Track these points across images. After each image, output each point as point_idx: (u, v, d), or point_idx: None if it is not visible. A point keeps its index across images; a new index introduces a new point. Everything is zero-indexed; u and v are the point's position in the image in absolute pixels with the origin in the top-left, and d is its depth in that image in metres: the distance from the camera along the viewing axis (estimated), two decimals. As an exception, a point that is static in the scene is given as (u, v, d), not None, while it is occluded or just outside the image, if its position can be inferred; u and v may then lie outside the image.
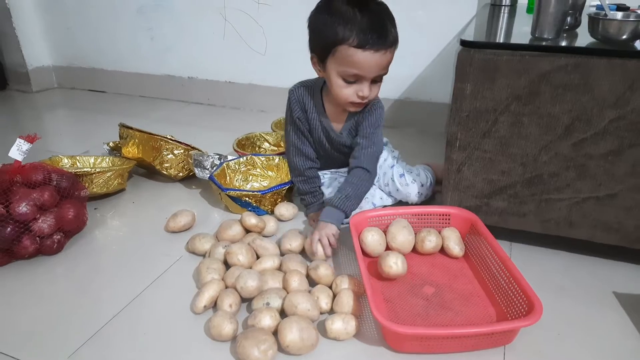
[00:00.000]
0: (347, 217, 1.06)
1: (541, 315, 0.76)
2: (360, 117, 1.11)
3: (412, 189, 1.18)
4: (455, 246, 1.02)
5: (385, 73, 1.00)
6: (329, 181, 1.22)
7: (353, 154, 1.11)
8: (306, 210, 1.22)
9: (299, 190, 1.21)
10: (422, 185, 1.20)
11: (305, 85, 1.14)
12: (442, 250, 1.04)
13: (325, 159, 1.22)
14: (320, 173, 1.23)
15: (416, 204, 1.20)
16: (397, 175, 1.18)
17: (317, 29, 0.99)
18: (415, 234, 1.04)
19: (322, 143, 1.17)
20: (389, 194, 1.21)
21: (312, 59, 1.04)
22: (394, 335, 0.79)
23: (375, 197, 1.19)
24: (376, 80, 1.00)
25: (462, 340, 0.79)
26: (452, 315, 0.87)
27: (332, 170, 1.24)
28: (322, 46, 0.99)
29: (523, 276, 0.85)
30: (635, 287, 0.95)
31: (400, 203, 1.22)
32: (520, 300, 0.82)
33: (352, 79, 0.98)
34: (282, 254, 1.04)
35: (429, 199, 1.25)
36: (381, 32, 0.93)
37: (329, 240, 0.99)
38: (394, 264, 0.93)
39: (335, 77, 0.99)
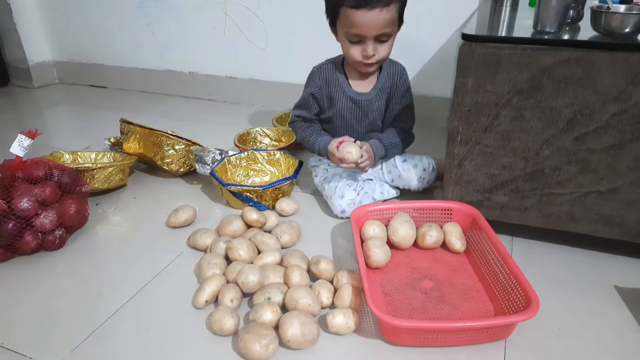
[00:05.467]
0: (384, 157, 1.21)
1: (537, 311, 0.76)
2: (392, 82, 1.19)
3: (414, 174, 1.22)
4: (457, 241, 1.02)
5: (390, 32, 1.04)
6: (331, 176, 1.22)
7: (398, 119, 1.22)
8: (319, 151, 1.23)
9: (306, 140, 1.24)
10: (424, 170, 1.22)
11: (330, 61, 1.21)
12: (444, 245, 1.04)
13: (344, 131, 1.25)
14: (321, 165, 1.26)
15: (418, 190, 1.24)
16: (399, 161, 1.23)
17: None
18: (417, 228, 1.04)
19: (342, 114, 1.21)
20: (392, 181, 1.24)
21: (329, 23, 1.11)
22: (389, 328, 0.80)
23: (375, 192, 1.19)
24: (382, 40, 1.05)
25: (458, 334, 0.79)
26: (450, 310, 0.87)
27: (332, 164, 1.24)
28: (330, 10, 1.08)
29: (522, 271, 0.84)
30: (636, 282, 0.95)
31: (402, 195, 1.23)
32: (518, 295, 0.82)
33: (356, 39, 1.04)
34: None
35: (430, 194, 1.25)
36: None
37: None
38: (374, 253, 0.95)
39: (343, 38, 1.07)
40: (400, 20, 1.09)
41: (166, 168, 1.36)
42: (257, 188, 1.18)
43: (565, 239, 1.04)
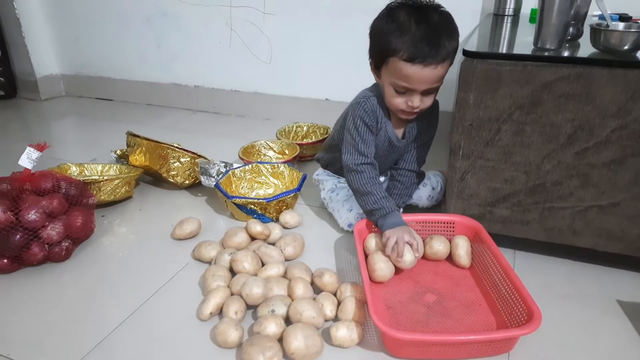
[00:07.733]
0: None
1: (540, 324, 0.76)
2: (424, 117, 1.12)
3: (423, 193, 1.23)
4: (464, 256, 1.02)
5: (438, 86, 1.00)
6: (340, 189, 1.23)
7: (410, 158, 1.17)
8: (377, 222, 1.04)
9: (371, 198, 1.05)
10: (433, 189, 1.24)
11: (376, 95, 1.09)
12: (448, 258, 1.05)
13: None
14: (331, 179, 1.26)
15: (426, 208, 1.24)
16: None
17: (374, 37, 1.01)
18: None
19: (376, 152, 1.13)
20: None
21: (370, 64, 1.05)
22: (392, 341, 0.80)
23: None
24: (429, 92, 1.00)
25: (460, 347, 0.80)
26: (452, 323, 0.87)
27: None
28: (377, 55, 1.01)
29: (524, 285, 0.85)
30: (638, 295, 0.96)
31: (408, 209, 1.24)
32: (520, 309, 0.83)
33: (402, 90, 0.99)
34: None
35: (435, 208, 1.26)
36: (432, 47, 0.92)
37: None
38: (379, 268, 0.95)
39: (388, 86, 1.01)
40: None
41: (171, 180, 1.37)
42: (261, 200, 1.19)
43: (568, 252, 1.05)
